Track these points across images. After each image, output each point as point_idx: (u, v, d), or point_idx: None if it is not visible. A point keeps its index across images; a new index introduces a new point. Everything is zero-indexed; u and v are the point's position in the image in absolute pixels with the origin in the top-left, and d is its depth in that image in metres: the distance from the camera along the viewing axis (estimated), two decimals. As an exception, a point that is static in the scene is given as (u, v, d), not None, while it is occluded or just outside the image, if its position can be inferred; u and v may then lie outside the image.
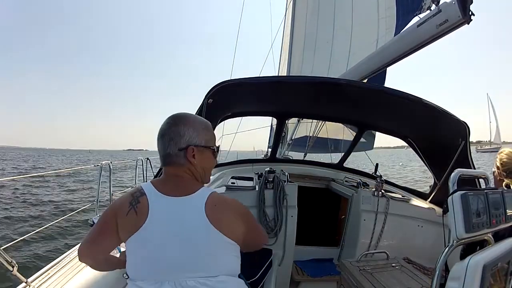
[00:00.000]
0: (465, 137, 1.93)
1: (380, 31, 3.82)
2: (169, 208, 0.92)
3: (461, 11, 1.88)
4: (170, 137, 0.97)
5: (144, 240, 0.89)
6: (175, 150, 0.97)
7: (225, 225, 0.92)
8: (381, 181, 2.67)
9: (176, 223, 0.90)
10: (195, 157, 0.98)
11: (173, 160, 0.98)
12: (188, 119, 1.00)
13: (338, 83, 2.04)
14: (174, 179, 0.98)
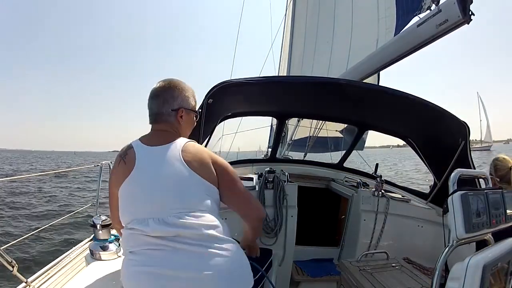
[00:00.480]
0: (465, 137, 1.93)
1: (380, 31, 3.82)
2: (152, 155, 1.04)
3: (461, 11, 1.88)
4: (165, 98, 1.11)
5: (131, 184, 1.01)
6: (168, 110, 1.11)
7: (200, 168, 1.03)
8: (381, 181, 2.67)
9: (157, 167, 1.02)
10: (183, 117, 1.13)
11: (163, 119, 1.11)
12: (180, 85, 1.15)
13: (338, 83, 2.04)
14: (160, 134, 1.11)
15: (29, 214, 8.01)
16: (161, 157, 1.03)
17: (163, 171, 1.01)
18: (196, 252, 0.94)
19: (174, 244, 0.94)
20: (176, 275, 0.91)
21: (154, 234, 0.95)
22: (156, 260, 0.94)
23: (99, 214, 1.51)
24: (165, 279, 0.91)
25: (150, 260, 0.94)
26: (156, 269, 0.92)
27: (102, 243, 1.45)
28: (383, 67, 2.88)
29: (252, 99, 2.44)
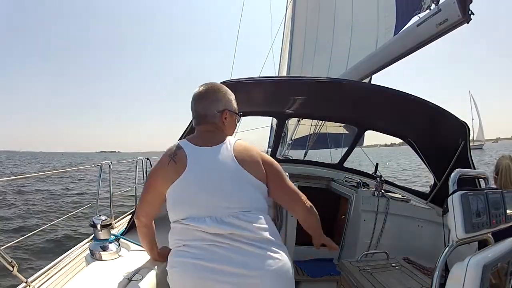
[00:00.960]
0: (465, 137, 1.93)
1: (380, 30, 3.81)
2: (204, 155, 1.10)
3: (461, 10, 1.88)
4: (211, 100, 1.19)
5: (185, 184, 1.06)
6: (213, 112, 1.18)
7: (251, 166, 1.09)
8: (381, 181, 2.67)
9: (211, 167, 1.07)
10: (227, 119, 1.20)
11: (209, 120, 1.18)
12: (223, 88, 1.23)
13: (338, 83, 2.04)
14: (207, 135, 1.17)
15: (29, 214, 8.01)
16: (214, 157, 1.09)
17: (218, 171, 1.07)
18: (250, 251, 0.99)
19: (230, 242, 0.99)
20: (230, 271, 0.96)
21: (211, 231, 1.01)
22: (213, 256, 0.98)
23: (99, 214, 1.51)
24: (219, 274, 0.96)
25: (206, 254, 0.99)
26: (211, 263, 0.97)
27: (102, 243, 1.45)
28: (383, 67, 2.87)
29: (252, 99, 2.44)
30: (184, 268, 1.00)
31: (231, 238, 1.00)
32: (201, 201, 1.05)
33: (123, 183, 9.56)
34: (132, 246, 1.53)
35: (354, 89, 2.05)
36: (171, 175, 1.07)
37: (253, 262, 0.98)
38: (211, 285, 0.96)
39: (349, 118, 3.18)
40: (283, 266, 1.01)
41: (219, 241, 1.00)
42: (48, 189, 12.43)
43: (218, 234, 1.01)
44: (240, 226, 1.01)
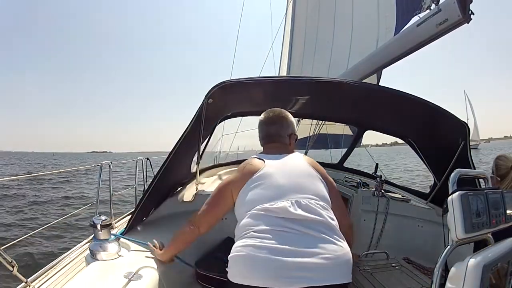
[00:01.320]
0: (465, 137, 1.93)
1: (380, 30, 3.81)
2: (279, 158, 1.28)
3: (461, 10, 1.88)
4: (282, 125, 1.42)
5: (262, 178, 1.18)
6: (284, 134, 1.40)
7: (320, 173, 1.28)
8: (381, 181, 2.67)
9: (284, 165, 1.24)
10: (291, 140, 1.42)
11: (280, 140, 1.40)
12: (289, 115, 1.46)
13: (338, 83, 2.04)
14: (276, 150, 1.36)
15: (29, 214, 8.01)
16: (288, 159, 1.29)
17: (292, 167, 1.24)
18: (318, 237, 1.05)
19: (299, 227, 1.05)
20: (300, 252, 1.00)
21: (284, 215, 1.08)
22: (283, 239, 1.02)
23: (99, 214, 1.51)
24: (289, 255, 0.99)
25: (276, 238, 1.02)
26: (282, 245, 1.01)
27: (102, 243, 1.44)
28: (383, 67, 2.87)
29: (252, 99, 2.44)
30: (255, 252, 1.01)
31: (301, 223, 1.06)
32: (277, 190, 1.14)
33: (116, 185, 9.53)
34: (132, 246, 1.53)
35: (354, 89, 2.05)
36: (245, 177, 1.21)
37: (320, 247, 1.03)
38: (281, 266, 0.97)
39: (349, 118, 3.18)
40: (347, 254, 1.11)
41: (290, 227, 1.05)
42: (47, 189, 12.43)
43: (290, 219, 1.07)
44: (312, 212, 1.10)
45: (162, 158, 1.84)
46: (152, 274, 1.27)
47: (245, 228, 1.10)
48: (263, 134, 1.44)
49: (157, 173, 1.76)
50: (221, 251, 1.90)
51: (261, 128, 1.46)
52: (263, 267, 0.99)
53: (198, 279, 1.74)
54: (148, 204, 1.85)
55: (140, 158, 3.01)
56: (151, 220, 1.99)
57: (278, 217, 1.07)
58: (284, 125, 1.41)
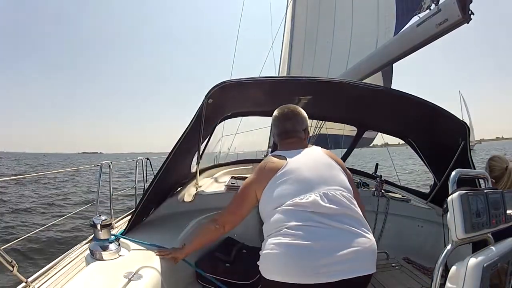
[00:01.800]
0: (465, 137, 1.93)
1: (380, 30, 3.81)
2: (298, 152, 1.30)
3: (461, 10, 1.88)
4: (297, 120, 1.44)
5: (288, 174, 1.19)
6: (300, 129, 1.44)
7: (339, 164, 1.31)
8: (381, 181, 2.67)
9: (307, 159, 1.27)
10: (306, 134, 1.46)
11: (296, 135, 1.42)
12: (302, 111, 1.50)
13: (338, 83, 2.04)
14: (293, 145, 1.38)
15: (28, 214, 8.01)
16: (309, 153, 1.32)
17: (316, 160, 1.27)
18: (352, 231, 1.08)
19: (329, 221, 1.07)
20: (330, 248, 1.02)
21: (321, 210, 1.09)
22: (312, 235, 1.04)
23: (99, 214, 1.51)
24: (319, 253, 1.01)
25: (305, 235, 1.04)
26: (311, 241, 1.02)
27: (102, 243, 1.44)
28: (383, 67, 2.88)
29: (252, 99, 2.43)
30: (289, 250, 1.03)
31: (331, 217, 1.08)
32: (303, 184, 1.16)
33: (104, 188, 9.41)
34: (132, 246, 1.53)
35: (354, 89, 2.05)
36: (268, 174, 1.22)
37: (348, 239, 1.06)
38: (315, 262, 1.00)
39: (349, 118, 3.17)
40: (373, 245, 1.13)
41: (321, 221, 1.07)
42: (47, 189, 12.43)
43: (320, 212, 1.09)
44: (340, 204, 1.12)
45: (162, 158, 1.84)
46: (152, 274, 1.27)
47: (277, 225, 1.11)
48: (280, 131, 1.45)
49: (157, 173, 1.76)
50: (221, 251, 1.90)
51: (277, 124, 1.46)
52: (298, 265, 1.01)
53: (198, 279, 1.74)
54: (148, 204, 1.85)
55: (140, 158, 3.01)
56: (151, 220, 1.99)
57: (308, 212, 1.09)
58: (299, 120, 1.45)
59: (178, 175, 2.24)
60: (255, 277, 1.70)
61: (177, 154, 1.76)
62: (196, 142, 1.99)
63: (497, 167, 1.90)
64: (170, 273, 1.40)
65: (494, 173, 1.89)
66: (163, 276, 1.33)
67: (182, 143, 1.74)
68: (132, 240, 1.57)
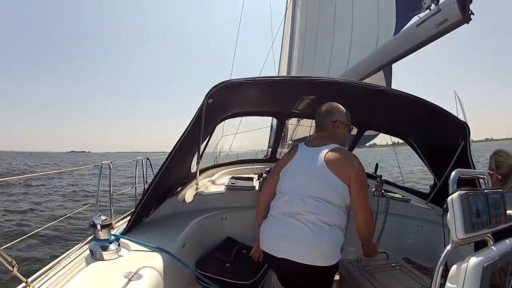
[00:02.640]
0: (465, 137, 1.93)
1: (380, 30, 3.81)
2: (306, 153, 1.53)
3: (461, 10, 1.88)
4: (325, 114, 1.63)
5: (288, 170, 1.54)
6: (327, 121, 1.61)
7: (336, 168, 1.41)
8: (381, 181, 2.67)
9: (306, 162, 1.49)
10: (339, 128, 1.61)
11: (325, 127, 1.61)
12: (337, 106, 1.66)
13: (338, 83, 2.04)
14: (319, 138, 1.60)
15: (28, 214, 8.01)
16: (311, 155, 1.49)
17: (309, 165, 1.47)
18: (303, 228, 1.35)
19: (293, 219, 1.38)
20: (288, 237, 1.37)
21: (290, 207, 1.42)
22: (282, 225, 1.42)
23: (99, 214, 1.51)
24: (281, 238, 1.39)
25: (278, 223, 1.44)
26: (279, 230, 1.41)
27: (102, 243, 1.44)
28: (383, 67, 2.88)
29: (252, 99, 2.44)
30: (265, 229, 1.49)
31: (292, 215, 1.39)
32: (293, 185, 1.47)
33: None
34: (132, 246, 1.53)
35: (354, 89, 2.05)
36: (285, 161, 1.57)
37: (296, 232, 1.36)
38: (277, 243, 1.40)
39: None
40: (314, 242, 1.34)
41: (287, 215, 1.41)
42: (47, 189, 12.43)
43: (288, 210, 1.42)
44: (305, 209, 1.37)
45: (162, 158, 1.84)
46: (152, 274, 1.27)
47: (269, 211, 1.54)
48: (316, 124, 1.68)
49: (157, 173, 1.76)
50: (221, 251, 1.90)
51: (315, 119, 1.68)
52: (266, 239, 1.46)
53: (198, 279, 1.74)
54: (148, 204, 1.85)
55: (140, 158, 3.01)
56: (151, 220, 1.99)
57: (282, 207, 1.46)
58: (326, 114, 1.63)
59: (178, 175, 2.24)
60: (255, 277, 1.70)
61: (177, 154, 1.76)
62: (196, 142, 1.99)
63: (505, 164, 1.81)
64: (170, 273, 1.40)
65: (501, 170, 1.79)
66: (163, 276, 1.33)
67: (182, 143, 1.74)
68: (132, 240, 1.57)
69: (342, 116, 1.63)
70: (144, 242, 1.53)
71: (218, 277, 1.68)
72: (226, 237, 2.10)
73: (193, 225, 1.92)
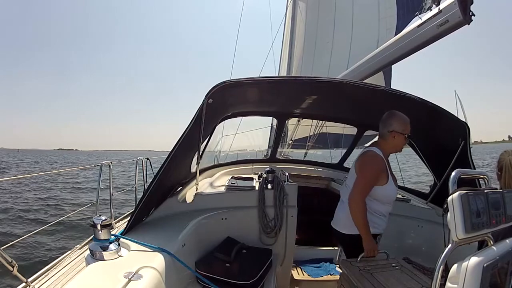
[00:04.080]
0: (465, 137, 1.93)
1: (381, 31, 3.82)
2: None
3: (462, 11, 1.88)
4: (384, 123, 1.84)
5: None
6: (385, 131, 1.83)
7: (356, 167, 1.85)
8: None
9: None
10: (395, 137, 1.80)
11: (383, 135, 1.85)
12: (396, 115, 1.83)
13: (338, 83, 2.04)
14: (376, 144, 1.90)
15: (28, 214, 8.01)
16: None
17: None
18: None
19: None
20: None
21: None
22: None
23: (99, 214, 1.51)
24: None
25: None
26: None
27: (102, 243, 1.44)
28: (383, 67, 2.88)
29: (252, 99, 2.44)
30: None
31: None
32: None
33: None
34: (132, 246, 1.53)
35: (354, 89, 2.05)
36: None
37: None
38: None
39: (349, 118, 3.18)
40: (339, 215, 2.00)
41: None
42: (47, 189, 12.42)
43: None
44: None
45: (162, 158, 1.84)
46: (152, 274, 1.27)
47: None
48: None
49: (157, 173, 1.76)
50: (221, 251, 1.90)
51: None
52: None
53: (198, 279, 1.74)
54: (148, 204, 1.85)
55: (140, 158, 3.01)
56: (151, 220, 1.98)
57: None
58: (384, 123, 1.84)
59: (178, 175, 2.24)
60: (255, 277, 1.70)
61: (177, 154, 1.76)
62: (196, 142, 1.99)
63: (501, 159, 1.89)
64: (170, 273, 1.40)
65: (499, 165, 1.87)
66: (163, 276, 1.33)
67: (182, 143, 1.74)
68: (132, 240, 1.57)
69: (399, 125, 1.80)
70: (144, 242, 1.53)
71: (218, 277, 1.68)
72: (226, 237, 2.10)
73: (193, 225, 1.92)
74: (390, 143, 1.83)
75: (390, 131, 1.79)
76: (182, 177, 2.36)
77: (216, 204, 2.24)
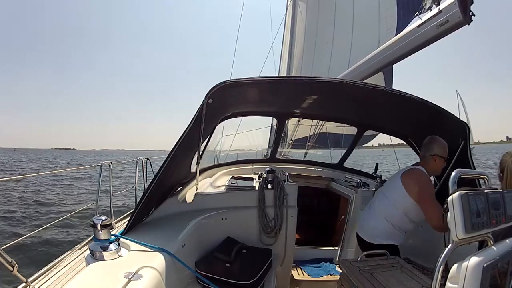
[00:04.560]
0: (465, 137, 1.93)
1: (381, 31, 3.82)
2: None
3: (462, 11, 1.88)
4: (426, 147, 1.99)
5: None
6: (428, 155, 1.97)
7: (407, 185, 1.92)
8: (381, 181, 2.67)
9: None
10: (436, 160, 1.95)
11: (425, 158, 1.99)
12: (436, 140, 1.97)
13: (338, 83, 2.04)
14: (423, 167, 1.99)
15: (28, 214, 8.00)
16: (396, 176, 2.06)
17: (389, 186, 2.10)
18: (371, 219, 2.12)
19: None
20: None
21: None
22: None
23: (99, 214, 1.51)
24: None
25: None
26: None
27: (102, 243, 1.44)
28: (384, 67, 2.87)
29: (252, 99, 2.43)
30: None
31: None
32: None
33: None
34: (132, 246, 1.53)
35: (354, 89, 2.05)
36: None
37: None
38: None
39: (349, 118, 3.18)
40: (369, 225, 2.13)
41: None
42: (47, 189, 12.42)
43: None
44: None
45: (162, 158, 1.84)
46: (152, 274, 1.27)
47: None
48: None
49: (157, 173, 1.76)
50: (221, 251, 1.90)
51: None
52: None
53: (198, 279, 1.74)
54: (148, 204, 1.85)
55: (140, 158, 3.01)
56: (151, 220, 1.98)
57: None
58: (426, 148, 1.98)
59: (178, 175, 2.24)
60: (255, 277, 1.70)
61: (177, 154, 1.76)
62: (196, 142, 1.99)
63: (503, 160, 1.90)
64: (170, 273, 1.40)
65: (501, 166, 1.88)
66: (163, 276, 1.33)
67: (182, 143, 1.74)
68: (132, 240, 1.57)
69: (439, 149, 1.93)
70: (144, 242, 1.53)
71: (218, 277, 1.68)
72: (226, 237, 2.10)
73: (193, 225, 1.92)
74: (431, 166, 1.95)
75: (432, 155, 1.93)
76: (182, 177, 2.36)
77: (216, 204, 2.24)
